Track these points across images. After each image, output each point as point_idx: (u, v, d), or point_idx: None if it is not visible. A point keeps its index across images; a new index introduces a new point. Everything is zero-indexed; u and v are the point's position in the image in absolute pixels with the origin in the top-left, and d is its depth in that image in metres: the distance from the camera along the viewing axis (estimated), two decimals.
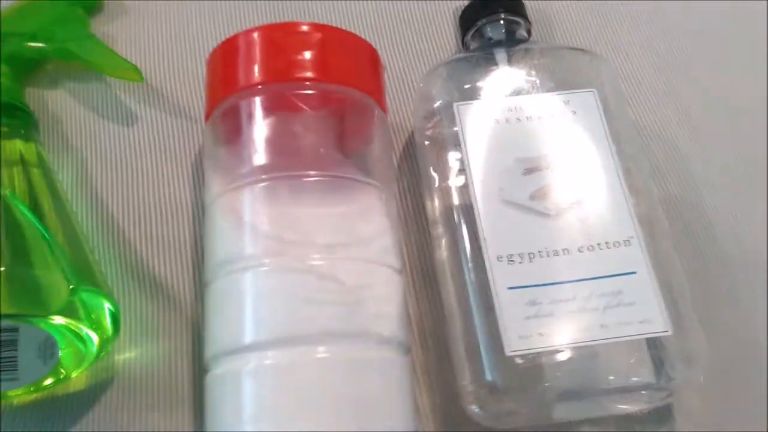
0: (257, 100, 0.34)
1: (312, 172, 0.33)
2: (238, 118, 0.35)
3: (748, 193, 0.42)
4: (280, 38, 0.35)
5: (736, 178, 0.42)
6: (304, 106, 0.34)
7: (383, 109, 0.37)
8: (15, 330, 0.31)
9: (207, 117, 0.36)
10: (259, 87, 0.34)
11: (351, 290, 0.31)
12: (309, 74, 0.34)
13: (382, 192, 0.35)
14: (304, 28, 0.36)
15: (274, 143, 0.34)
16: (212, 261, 0.33)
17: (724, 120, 0.44)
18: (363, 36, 0.44)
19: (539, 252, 0.33)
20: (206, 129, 0.36)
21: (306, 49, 0.35)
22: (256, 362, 0.30)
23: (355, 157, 0.35)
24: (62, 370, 0.34)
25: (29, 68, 0.43)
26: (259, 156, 0.34)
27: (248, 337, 0.31)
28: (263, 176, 0.33)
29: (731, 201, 0.41)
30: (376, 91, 0.37)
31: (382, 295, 0.33)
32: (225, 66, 0.36)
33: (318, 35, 0.35)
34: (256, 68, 0.35)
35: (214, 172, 0.35)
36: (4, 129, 0.37)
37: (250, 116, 0.34)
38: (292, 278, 0.31)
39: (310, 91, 0.34)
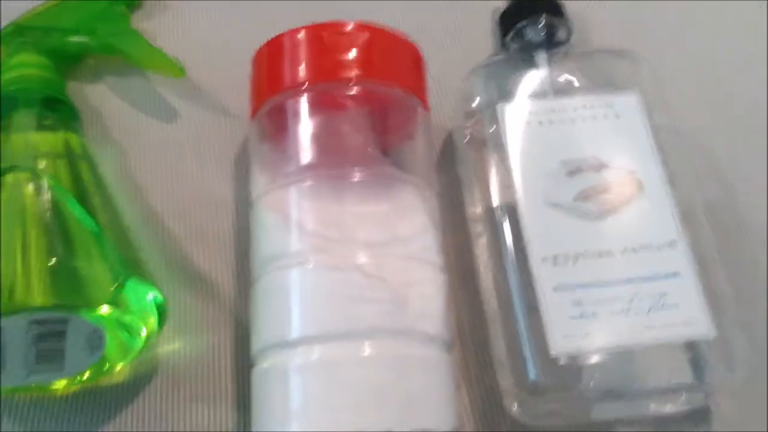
0: (303, 99, 0.35)
1: (357, 171, 0.34)
2: (284, 116, 0.35)
3: None
4: (326, 37, 0.35)
5: None
6: (349, 105, 0.35)
7: (426, 107, 0.37)
8: (64, 321, 0.32)
9: (252, 114, 0.36)
10: (305, 86, 0.35)
11: (396, 288, 0.32)
12: (354, 73, 0.35)
13: (425, 190, 0.35)
14: (350, 27, 0.36)
15: (320, 142, 0.34)
16: (258, 257, 0.34)
17: (760, 124, 0.44)
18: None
19: (584, 253, 0.33)
20: (251, 126, 0.37)
21: (351, 49, 0.35)
22: (303, 357, 0.31)
23: (399, 156, 0.36)
24: (108, 362, 0.34)
25: (71, 62, 0.43)
26: (305, 154, 0.34)
27: (295, 333, 0.31)
28: (308, 174, 0.33)
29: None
30: (420, 90, 0.37)
31: (426, 292, 0.33)
32: (271, 64, 0.36)
33: (363, 34, 0.36)
34: (302, 67, 0.35)
35: (260, 170, 0.35)
36: (48, 122, 0.38)
37: (296, 115, 0.35)
38: (338, 276, 0.32)
39: (355, 91, 0.35)
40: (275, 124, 0.36)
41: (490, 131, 0.37)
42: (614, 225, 0.34)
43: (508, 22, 0.42)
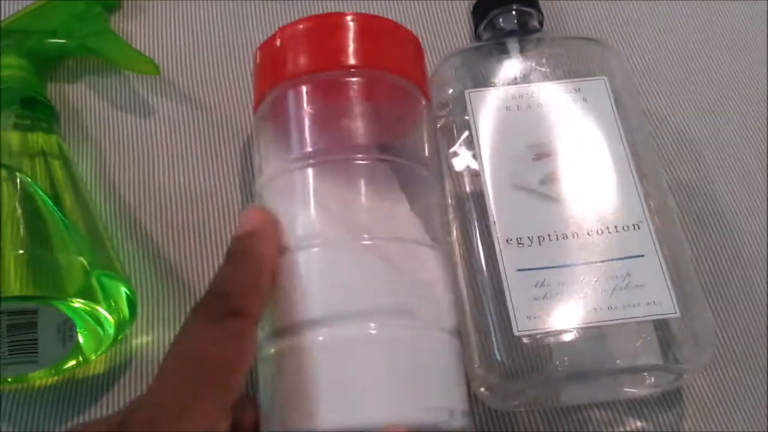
0: (304, 89, 0.35)
1: (360, 156, 0.33)
2: (285, 106, 0.35)
3: (761, 179, 0.42)
4: (327, 27, 0.36)
5: (748, 164, 0.42)
6: (350, 93, 0.35)
7: (426, 95, 0.37)
8: (34, 312, 0.32)
9: (255, 106, 0.37)
10: (306, 76, 0.35)
11: (400, 271, 0.31)
12: (353, 62, 0.35)
13: (429, 174, 0.35)
14: (349, 17, 0.36)
15: (322, 129, 0.34)
16: None
17: (736, 107, 0.44)
18: None
19: (548, 235, 0.33)
20: (256, 118, 0.37)
21: (352, 38, 0.35)
22: (311, 339, 0.30)
23: (403, 144, 0.35)
24: (82, 353, 0.34)
25: (50, 64, 0.44)
26: (308, 142, 0.34)
27: (301, 315, 0.30)
28: (312, 161, 0.33)
29: (744, 187, 0.42)
30: (420, 78, 0.37)
31: (432, 276, 0.32)
32: (273, 56, 0.36)
33: (360, 24, 0.36)
34: (302, 58, 0.35)
35: (265, 158, 0.35)
36: (27, 122, 0.38)
37: (298, 104, 0.35)
38: (343, 258, 0.31)
39: (355, 78, 0.35)
40: (278, 115, 0.35)
41: (461, 118, 0.37)
42: (579, 207, 0.34)
43: (481, 11, 0.42)
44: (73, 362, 0.35)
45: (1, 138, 0.37)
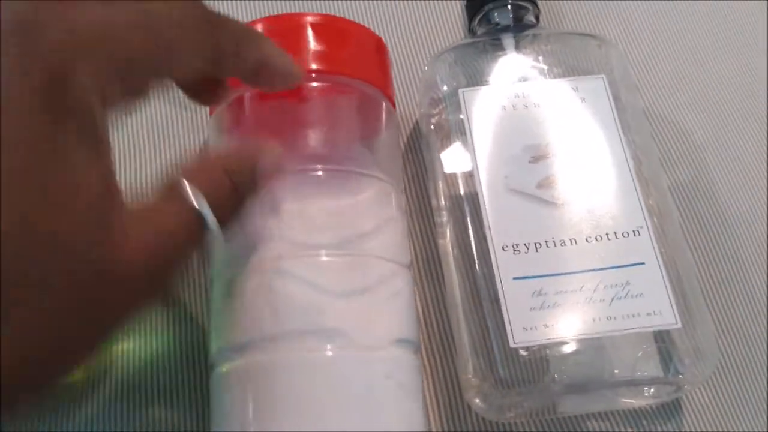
0: (254, 95, 0.33)
1: (318, 167, 0.32)
2: (242, 111, 0.34)
3: (762, 179, 0.41)
4: (285, 29, 0.34)
5: (750, 164, 0.41)
6: (310, 99, 0.33)
7: (391, 101, 0.36)
8: None
9: (211, 110, 0.35)
10: None
11: (359, 287, 0.30)
12: (315, 66, 0.33)
13: (390, 186, 0.34)
14: (309, 18, 0.34)
15: (279, 137, 0.33)
16: (218, 256, 0.32)
17: (738, 106, 0.43)
18: (369, 23, 0.44)
19: (545, 242, 0.32)
20: (211, 122, 0.35)
21: (311, 41, 0.34)
22: (262, 359, 0.29)
23: (362, 151, 0.34)
24: None
25: None
26: None
27: (253, 334, 0.30)
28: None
29: (745, 188, 0.40)
30: (384, 83, 0.36)
31: (391, 292, 0.32)
32: None
33: (323, 26, 0.34)
34: None
35: None
36: None
37: (255, 110, 0.33)
38: (299, 275, 0.30)
39: (316, 84, 0.33)
40: (233, 120, 0.34)
41: (455, 117, 0.36)
42: (577, 212, 0.33)
43: (475, 5, 0.41)
44: None
45: None
